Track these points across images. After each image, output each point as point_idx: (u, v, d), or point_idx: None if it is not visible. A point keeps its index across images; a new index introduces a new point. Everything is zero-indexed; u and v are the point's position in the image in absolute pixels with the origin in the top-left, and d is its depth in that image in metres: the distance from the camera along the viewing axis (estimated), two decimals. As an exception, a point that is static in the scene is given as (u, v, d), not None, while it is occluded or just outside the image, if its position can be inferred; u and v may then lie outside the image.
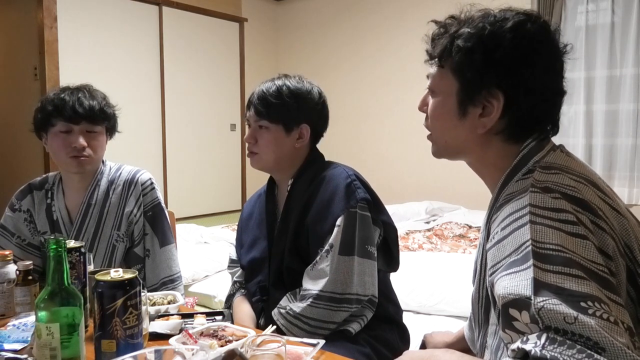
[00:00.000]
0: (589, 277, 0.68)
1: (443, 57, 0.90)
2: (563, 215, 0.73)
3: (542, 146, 0.88)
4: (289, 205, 1.41)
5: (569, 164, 0.83)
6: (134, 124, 4.13)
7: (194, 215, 4.52)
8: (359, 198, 1.32)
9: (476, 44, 0.85)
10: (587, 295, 0.66)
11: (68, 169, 1.60)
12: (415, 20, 4.29)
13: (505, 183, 0.87)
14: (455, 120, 0.90)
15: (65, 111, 1.53)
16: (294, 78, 1.43)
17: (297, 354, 1.00)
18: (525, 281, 0.70)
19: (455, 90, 0.89)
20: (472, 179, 1.02)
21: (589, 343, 0.64)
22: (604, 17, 3.56)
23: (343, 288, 1.26)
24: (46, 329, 0.90)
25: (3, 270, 1.29)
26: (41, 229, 1.64)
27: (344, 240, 1.28)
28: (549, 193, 0.76)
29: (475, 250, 3.08)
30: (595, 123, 3.66)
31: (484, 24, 0.86)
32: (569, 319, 0.65)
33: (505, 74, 0.84)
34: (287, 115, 1.38)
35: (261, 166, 1.44)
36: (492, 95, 0.85)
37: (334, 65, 4.87)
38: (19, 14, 3.84)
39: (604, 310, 0.65)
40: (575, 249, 0.70)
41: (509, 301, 0.72)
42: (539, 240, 0.72)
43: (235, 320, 1.39)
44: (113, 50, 3.98)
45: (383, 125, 4.61)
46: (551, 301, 0.67)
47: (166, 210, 1.71)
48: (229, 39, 4.90)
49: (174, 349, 0.96)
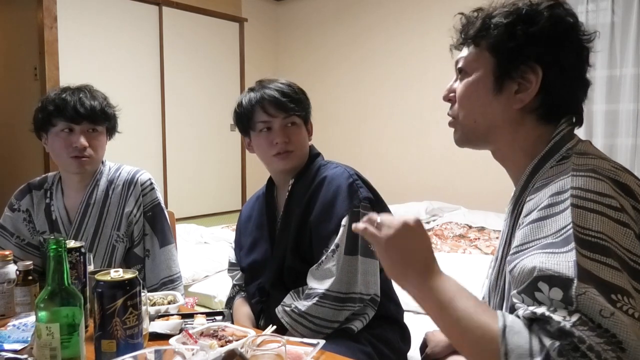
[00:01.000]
0: (623, 268, 0.69)
1: (479, 35, 0.91)
2: (607, 200, 0.73)
3: (572, 135, 0.88)
4: (289, 206, 1.41)
5: (601, 154, 0.84)
6: (134, 124, 4.13)
7: (194, 215, 4.51)
8: (362, 197, 1.32)
9: (515, 19, 0.87)
10: (618, 288, 0.67)
11: (69, 169, 1.60)
12: (415, 21, 4.29)
13: (537, 168, 0.87)
14: (490, 97, 0.90)
15: (67, 111, 1.53)
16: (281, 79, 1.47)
17: (297, 354, 1.00)
18: (567, 262, 0.69)
19: (491, 67, 0.90)
20: (472, 179, 1.02)
21: (612, 340, 0.64)
22: (604, 17, 3.56)
23: (347, 287, 1.27)
24: (46, 329, 0.90)
25: (3, 270, 1.29)
26: (40, 228, 1.64)
27: (349, 240, 1.28)
28: (592, 175, 0.76)
29: (475, 250, 3.08)
30: (595, 123, 3.66)
31: (518, 7, 0.88)
32: (605, 313, 0.65)
33: (544, 48, 0.86)
34: (307, 110, 1.45)
35: (295, 164, 1.42)
36: (531, 69, 0.87)
37: (334, 65, 4.87)
38: (19, 14, 3.84)
39: (631, 305, 0.66)
40: (616, 236, 0.70)
41: (544, 275, 0.70)
42: (580, 225, 0.71)
43: (235, 323, 1.40)
44: (113, 50, 3.98)
45: (383, 125, 4.61)
46: (593, 290, 0.67)
47: (166, 210, 1.71)
48: (229, 39, 4.90)
49: (174, 349, 0.96)
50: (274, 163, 1.42)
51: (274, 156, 1.40)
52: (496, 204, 3.51)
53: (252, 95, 1.42)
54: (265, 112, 1.38)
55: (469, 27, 0.93)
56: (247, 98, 1.43)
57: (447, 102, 0.99)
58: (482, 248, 3.08)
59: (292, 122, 1.39)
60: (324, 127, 4.53)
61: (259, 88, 1.42)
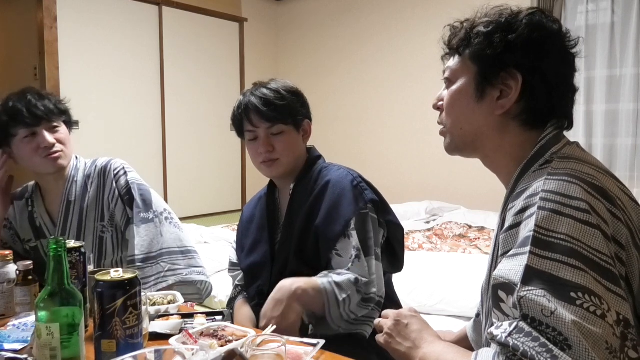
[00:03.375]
0: (589, 268, 0.69)
1: (462, 45, 0.93)
2: (575, 203, 0.73)
3: (559, 139, 0.89)
4: (292, 209, 1.41)
5: (587, 157, 0.85)
6: (134, 124, 4.13)
7: (194, 215, 4.52)
8: (367, 200, 1.33)
9: (494, 28, 0.89)
10: (579, 287, 0.68)
11: (45, 170, 1.59)
12: (415, 21, 4.29)
13: (522, 174, 0.88)
14: (472, 104, 0.92)
15: (23, 117, 1.51)
16: (274, 81, 1.44)
17: (297, 354, 1.00)
18: (518, 267, 0.72)
19: (473, 74, 0.92)
20: (472, 179, 1.02)
21: (559, 338, 0.65)
22: (604, 17, 3.56)
23: (367, 288, 1.28)
24: (46, 329, 0.90)
25: (3, 270, 1.29)
26: (25, 237, 1.64)
27: (362, 242, 1.29)
28: (565, 179, 0.77)
29: (475, 250, 3.08)
30: (595, 123, 3.66)
31: (499, 16, 0.91)
32: (546, 312, 0.67)
33: (522, 55, 0.87)
34: (295, 113, 1.40)
35: (281, 172, 1.41)
36: (510, 75, 0.88)
37: (334, 65, 4.87)
38: (19, 14, 3.84)
39: (593, 302, 0.67)
40: (583, 237, 0.71)
41: (499, 283, 0.75)
42: (544, 226, 0.73)
43: (235, 324, 1.40)
44: (113, 50, 3.98)
45: (383, 125, 4.61)
46: (536, 292, 0.69)
47: (149, 190, 1.66)
48: (229, 39, 4.90)
49: (174, 349, 0.96)
50: (262, 170, 1.44)
51: (261, 164, 1.41)
52: (496, 204, 3.49)
53: (241, 101, 1.42)
54: (250, 122, 1.39)
55: (454, 36, 0.96)
56: (238, 104, 1.43)
57: (437, 110, 1.01)
58: (482, 248, 3.08)
59: (277, 131, 1.38)
60: (323, 127, 4.53)
61: (249, 93, 1.42)
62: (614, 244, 0.73)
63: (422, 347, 0.91)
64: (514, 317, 0.71)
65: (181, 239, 1.64)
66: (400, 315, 0.98)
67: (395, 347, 0.95)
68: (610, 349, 0.65)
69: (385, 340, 0.98)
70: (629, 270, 0.75)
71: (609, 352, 0.65)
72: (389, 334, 0.97)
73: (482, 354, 0.74)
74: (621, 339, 0.66)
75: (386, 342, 0.97)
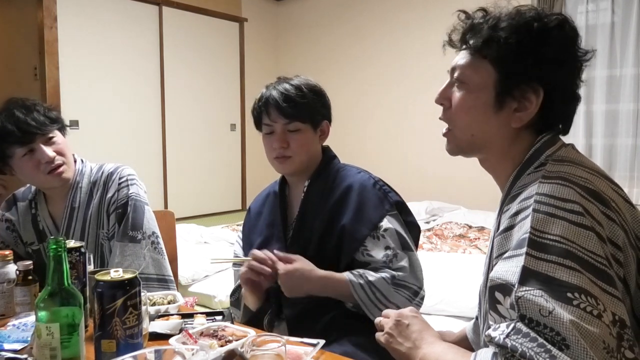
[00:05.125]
0: (584, 269, 0.69)
1: (485, 47, 0.87)
2: (569, 205, 0.74)
3: (554, 141, 0.88)
4: (306, 207, 1.40)
5: (581, 159, 0.85)
6: (134, 124, 4.13)
7: (194, 215, 4.52)
8: (393, 201, 1.36)
9: (526, 38, 0.84)
10: (575, 287, 0.68)
11: (50, 185, 1.56)
12: (415, 21, 4.29)
13: (518, 177, 0.88)
14: (489, 114, 0.88)
15: (16, 136, 1.46)
16: (298, 77, 1.42)
17: (297, 354, 1.00)
18: (515, 268, 0.72)
19: (492, 82, 0.87)
20: (472, 179, 1.02)
21: (556, 338, 0.66)
22: (604, 17, 3.56)
23: (404, 281, 1.31)
24: (46, 329, 0.90)
25: (3, 270, 1.29)
26: (28, 240, 1.62)
27: (400, 239, 1.32)
28: (559, 182, 0.77)
29: (475, 250, 3.08)
30: (595, 123, 3.66)
31: (526, 23, 0.85)
32: (544, 312, 0.67)
33: (549, 70, 0.85)
34: (314, 113, 1.39)
35: (294, 169, 1.41)
36: (532, 89, 0.85)
37: (334, 65, 4.87)
38: (19, 14, 3.84)
39: (589, 303, 0.67)
40: (577, 239, 0.71)
41: (495, 285, 0.75)
42: (539, 229, 0.73)
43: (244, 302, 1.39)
44: (113, 50, 3.98)
45: (383, 125, 4.61)
46: (533, 292, 0.69)
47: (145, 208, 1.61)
48: (229, 39, 4.90)
49: (174, 349, 0.96)
50: (274, 165, 1.43)
51: (274, 159, 1.41)
52: (496, 204, 3.50)
53: (263, 94, 1.42)
54: (268, 115, 1.38)
55: (473, 32, 0.90)
56: (259, 96, 1.43)
57: (440, 105, 0.97)
58: (482, 248, 3.08)
59: (294, 128, 1.38)
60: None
61: (271, 87, 1.41)
62: (611, 246, 0.74)
63: (422, 348, 0.91)
64: (511, 319, 0.72)
65: (161, 266, 1.59)
66: (401, 315, 0.98)
67: (396, 346, 0.95)
68: (608, 348, 0.65)
69: (385, 339, 0.98)
70: (626, 271, 0.75)
71: (607, 352, 0.65)
72: (389, 334, 0.97)
73: (480, 354, 0.75)
74: (617, 339, 0.66)
75: (387, 342, 0.98)
